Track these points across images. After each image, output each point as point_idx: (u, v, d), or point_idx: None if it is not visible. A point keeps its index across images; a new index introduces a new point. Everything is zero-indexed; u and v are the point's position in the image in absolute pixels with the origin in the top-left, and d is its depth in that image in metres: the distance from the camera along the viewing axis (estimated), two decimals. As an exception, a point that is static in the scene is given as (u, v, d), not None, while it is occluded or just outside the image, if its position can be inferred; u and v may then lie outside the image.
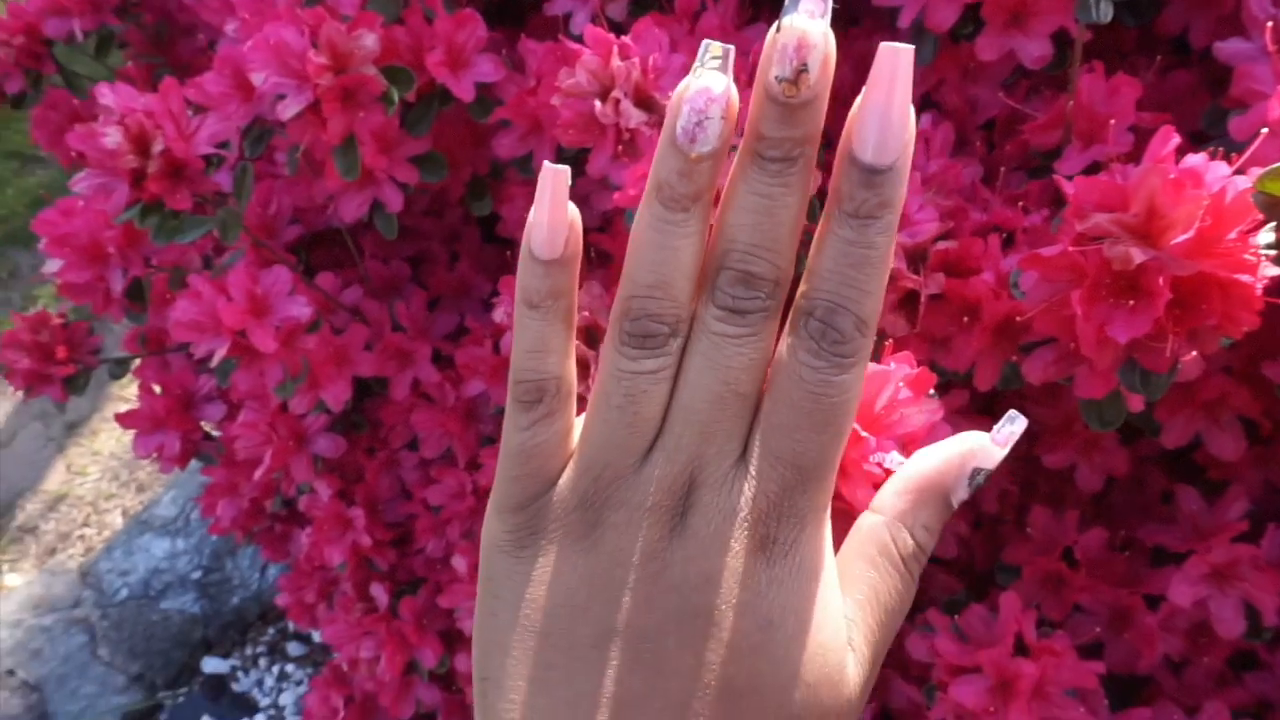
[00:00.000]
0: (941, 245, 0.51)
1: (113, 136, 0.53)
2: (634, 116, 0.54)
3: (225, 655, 1.73)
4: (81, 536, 1.96)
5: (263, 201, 0.83)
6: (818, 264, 0.22)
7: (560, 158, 0.64)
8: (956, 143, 0.60)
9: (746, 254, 0.22)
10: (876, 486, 0.44)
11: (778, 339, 0.23)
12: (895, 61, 0.20)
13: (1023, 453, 0.68)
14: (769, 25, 0.67)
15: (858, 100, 0.21)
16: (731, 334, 0.22)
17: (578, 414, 0.25)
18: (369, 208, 0.69)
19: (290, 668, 1.67)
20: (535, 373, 0.23)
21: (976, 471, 0.25)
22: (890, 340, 0.49)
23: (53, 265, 0.67)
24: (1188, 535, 0.60)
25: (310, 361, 0.73)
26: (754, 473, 0.22)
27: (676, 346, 0.23)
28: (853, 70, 0.67)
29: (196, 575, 1.82)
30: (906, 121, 0.21)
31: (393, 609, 0.96)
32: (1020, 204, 0.55)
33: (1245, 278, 0.38)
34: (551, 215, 0.22)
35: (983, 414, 0.65)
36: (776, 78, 0.20)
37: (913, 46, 0.21)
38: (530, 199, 0.70)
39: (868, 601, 0.24)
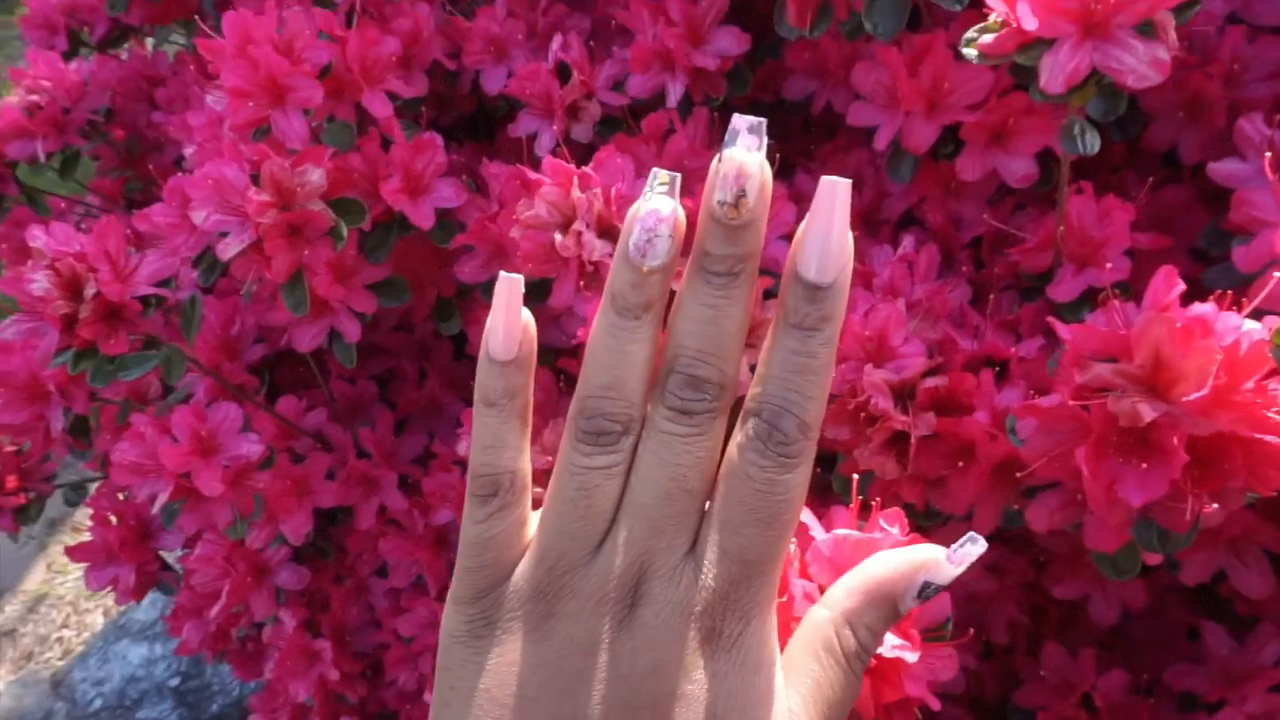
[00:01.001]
0: (930, 382, 0.47)
1: (40, 283, 0.49)
2: (597, 248, 0.51)
3: (204, 767, 1.63)
4: (60, 639, 1.88)
5: (225, 322, 0.80)
6: (765, 371, 0.24)
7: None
8: (942, 262, 0.56)
9: (694, 359, 0.24)
10: (866, 672, 0.39)
11: (725, 440, 0.25)
12: (834, 193, 0.23)
13: (1032, 580, 0.64)
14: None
15: (801, 226, 0.23)
16: (680, 433, 0.24)
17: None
18: (326, 337, 0.65)
19: (269, 785, 1.57)
20: (491, 467, 0.25)
21: (927, 585, 0.26)
22: (877, 499, 0.45)
23: (-11, 405, 0.63)
24: (1218, 680, 0.55)
25: (266, 495, 0.68)
26: (702, 567, 0.23)
27: (629, 444, 0.24)
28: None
29: (174, 682, 1.73)
30: (845, 245, 0.23)
31: (363, 748, 0.90)
32: (1014, 331, 0.52)
33: (1270, 437, 0.34)
34: (507, 320, 0.24)
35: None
36: (719, 202, 0.23)
37: (849, 180, 0.23)
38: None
39: (811, 695, 0.25)
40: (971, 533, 0.26)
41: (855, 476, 0.44)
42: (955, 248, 0.59)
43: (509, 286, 0.24)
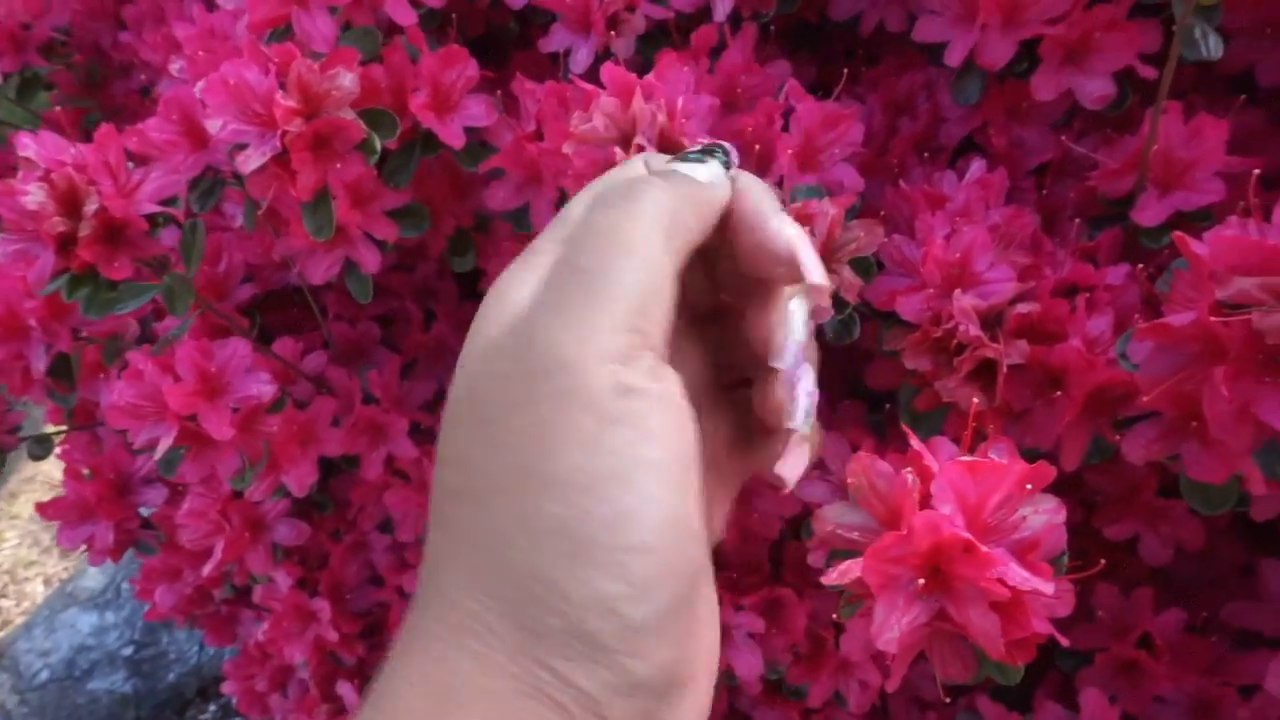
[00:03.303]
0: (1022, 308, 0.45)
1: (35, 195, 0.43)
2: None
3: (161, 738, 1.58)
4: (-2, 609, 1.80)
5: (211, 259, 0.74)
6: None
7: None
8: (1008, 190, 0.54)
9: None
10: (995, 607, 0.36)
11: None
12: None
13: (1078, 522, 0.62)
14: (791, 61, 0.60)
15: None
16: None
17: None
18: (340, 268, 0.60)
19: (235, 749, 1.53)
20: None
21: None
22: (991, 426, 0.42)
23: (-40, 342, 0.56)
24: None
25: (271, 444, 0.63)
26: None
27: None
28: (883, 111, 0.61)
29: (128, 651, 1.67)
30: None
31: (363, 711, 0.86)
32: (1091, 259, 0.49)
33: None
34: None
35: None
36: None
37: None
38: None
39: None
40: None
41: (965, 405, 0.42)
42: (1019, 175, 0.56)
43: None
